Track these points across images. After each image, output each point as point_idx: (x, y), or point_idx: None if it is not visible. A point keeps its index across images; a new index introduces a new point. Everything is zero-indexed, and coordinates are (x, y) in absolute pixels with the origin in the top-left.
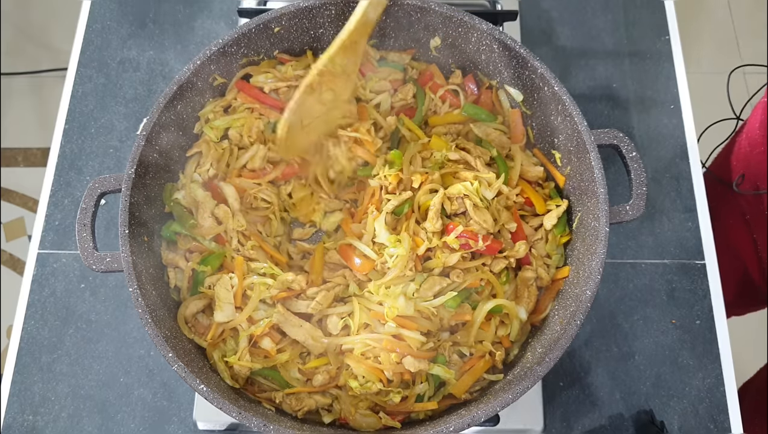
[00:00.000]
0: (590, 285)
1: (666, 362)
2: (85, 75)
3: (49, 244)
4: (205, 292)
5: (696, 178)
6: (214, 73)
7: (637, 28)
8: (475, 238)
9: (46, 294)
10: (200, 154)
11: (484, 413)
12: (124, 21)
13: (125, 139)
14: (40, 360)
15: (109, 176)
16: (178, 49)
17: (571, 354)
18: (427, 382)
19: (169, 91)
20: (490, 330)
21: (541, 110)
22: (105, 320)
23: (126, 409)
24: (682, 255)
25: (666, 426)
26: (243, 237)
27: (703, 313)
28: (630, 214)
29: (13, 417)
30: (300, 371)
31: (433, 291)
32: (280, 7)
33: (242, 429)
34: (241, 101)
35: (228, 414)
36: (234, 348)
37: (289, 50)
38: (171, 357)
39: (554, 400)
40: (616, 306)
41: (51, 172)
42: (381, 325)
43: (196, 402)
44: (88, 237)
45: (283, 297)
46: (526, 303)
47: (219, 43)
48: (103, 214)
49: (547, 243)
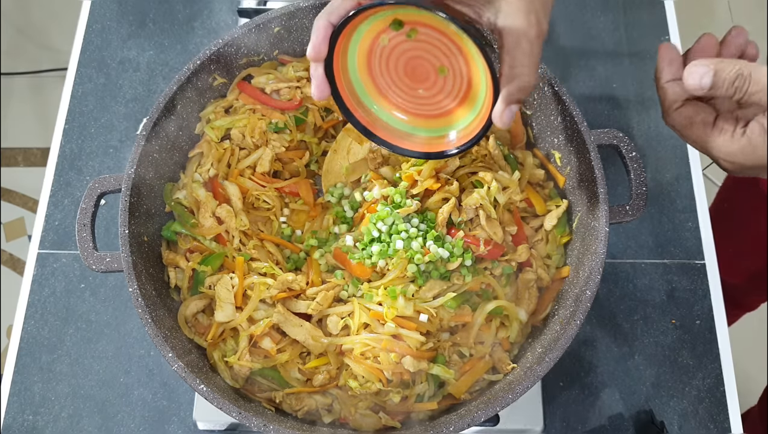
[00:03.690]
0: (590, 285)
1: (666, 362)
2: (85, 75)
3: (49, 244)
4: (205, 292)
5: (696, 177)
6: (215, 73)
7: (637, 28)
8: (476, 243)
9: (46, 294)
10: (201, 154)
11: (484, 413)
12: (124, 21)
13: (125, 139)
14: (40, 360)
15: (109, 176)
16: (178, 49)
17: (571, 354)
18: (427, 382)
19: (169, 91)
20: (491, 332)
21: (541, 110)
22: (105, 320)
23: (126, 409)
24: (682, 255)
25: (666, 426)
26: (245, 237)
27: (703, 313)
28: (630, 214)
29: (13, 417)
30: (300, 371)
31: (432, 293)
32: (280, 7)
33: (242, 429)
34: (242, 102)
35: (228, 414)
36: (234, 348)
37: (289, 50)
38: (171, 357)
39: (554, 400)
40: (616, 306)
41: (51, 172)
42: (381, 325)
43: (196, 402)
44: (88, 237)
45: (283, 297)
46: (526, 304)
47: (219, 43)
48: (103, 213)
49: (548, 243)
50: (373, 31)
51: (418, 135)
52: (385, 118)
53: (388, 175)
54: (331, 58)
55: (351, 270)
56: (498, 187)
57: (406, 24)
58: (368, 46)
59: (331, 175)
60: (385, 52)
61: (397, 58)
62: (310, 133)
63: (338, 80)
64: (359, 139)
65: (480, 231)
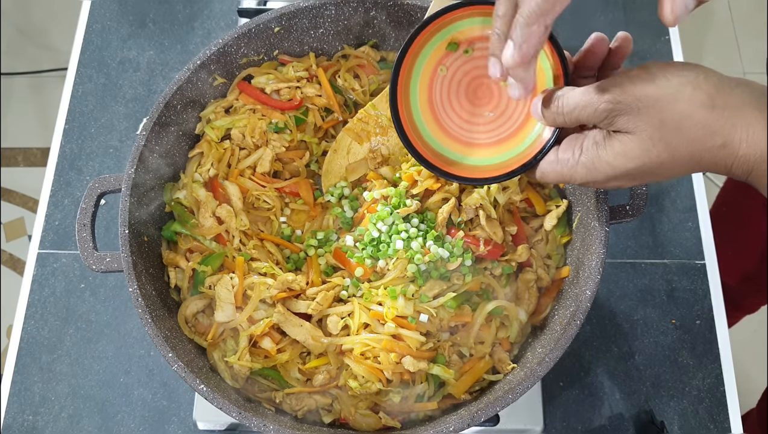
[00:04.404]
0: (590, 285)
1: (666, 362)
2: (85, 75)
3: (49, 244)
4: (205, 292)
5: (696, 177)
6: (215, 73)
7: (637, 28)
8: (476, 243)
9: (46, 294)
10: (201, 154)
11: (484, 413)
12: (124, 21)
13: (125, 139)
14: (40, 360)
15: (109, 176)
16: (178, 49)
17: (571, 354)
18: (427, 382)
19: (169, 91)
20: (491, 332)
21: None
22: (105, 320)
23: (126, 409)
24: (682, 255)
25: (666, 426)
26: (245, 237)
27: (703, 313)
28: (630, 214)
29: (13, 417)
30: (300, 371)
31: (432, 293)
32: (280, 7)
33: (242, 429)
34: (242, 102)
35: (228, 414)
36: (234, 348)
37: (289, 50)
38: (171, 357)
39: (554, 400)
40: (616, 306)
41: (51, 172)
42: (381, 325)
43: (196, 402)
44: (88, 237)
45: (283, 297)
46: (526, 304)
47: (219, 43)
48: (103, 213)
49: (548, 243)
50: (431, 62)
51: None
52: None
53: (388, 175)
54: (396, 94)
55: (351, 270)
56: (498, 187)
57: (461, 44)
58: (428, 84)
59: (331, 175)
60: (445, 84)
61: (458, 84)
62: (310, 133)
63: (405, 124)
64: (359, 139)
65: (480, 231)
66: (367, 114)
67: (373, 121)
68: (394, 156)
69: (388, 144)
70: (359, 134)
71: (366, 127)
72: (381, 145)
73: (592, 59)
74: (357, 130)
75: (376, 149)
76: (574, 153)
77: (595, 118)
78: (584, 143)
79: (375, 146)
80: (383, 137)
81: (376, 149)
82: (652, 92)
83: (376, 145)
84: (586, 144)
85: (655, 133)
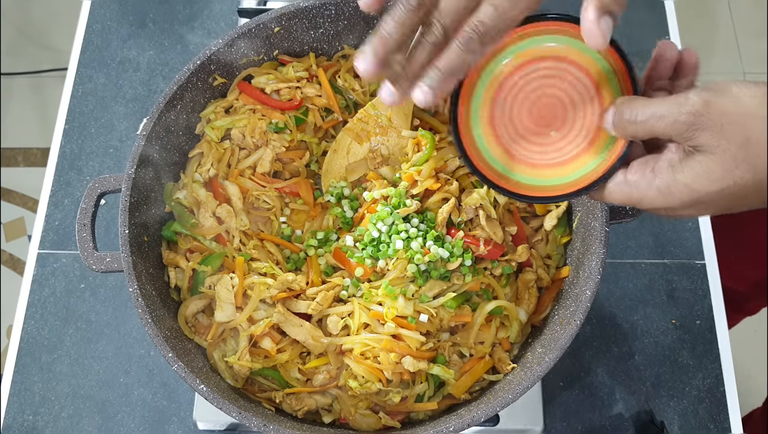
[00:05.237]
0: (590, 285)
1: (666, 362)
2: (85, 75)
3: (49, 244)
4: (205, 292)
5: None
6: (215, 73)
7: (637, 28)
8: (476, 243)
9: (46, 294)
10: (201, 154)
11: (484, 413)
12: (124, 21)
13: (125, 139)
14: (40, 360)
15: (109, 176)
16: (178, 49)
17: (571, 354)
18: (426, 382)
19: (169, 91)
20: (491, 332)
21: None
22: (105, 320)
23: (126, 409)
24: (682, 255)
25: (666, 426)
26: (245, 237)
27: (703, 313)
28: (630, 214)
29: (13, 417)
30: (300, 371)
31: (432, 293)
32: (280, 7)
33: (242, 429)
34: (242, 102)
35: (228, 414)
36: (234, 348)
37: (289, 50)
38: (171, 357)
39: (554, 400)
40: (616, 306)
41: (51, 172)
42: (381, 325)
43: (196, 402)
44: (88, 237)
45: (283, 297)
46: (526, 304)
47: (219, 43)
48: (103, 214)
49: (548, 244)
50: (491, 88)
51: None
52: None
53: (388, 175)
54: (456, 120)
55: (351, 270)
56: None
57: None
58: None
59: (331, 175)
60: (507, 106)
61: (520, 107)
62: (310, 133)
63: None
64: (359, 139)
65: (480, 231)
66: (367, 114)
67: (373, 121)
68: (393, 156)
69: (388, 144)
70: (359, 134)
71: (366, 127)
72: (381, 145)
73: (663, 67)
74: (357, 130)
75: (375, 149)
76: (645, 175)
77: (673, 131)
78: (657, 165)
79: (375, 146)
80: (383, 137)
81: (376, 149)
82: (737, 109)
83: (376, 145)
84: (659, 166)
85: (740, 152)
